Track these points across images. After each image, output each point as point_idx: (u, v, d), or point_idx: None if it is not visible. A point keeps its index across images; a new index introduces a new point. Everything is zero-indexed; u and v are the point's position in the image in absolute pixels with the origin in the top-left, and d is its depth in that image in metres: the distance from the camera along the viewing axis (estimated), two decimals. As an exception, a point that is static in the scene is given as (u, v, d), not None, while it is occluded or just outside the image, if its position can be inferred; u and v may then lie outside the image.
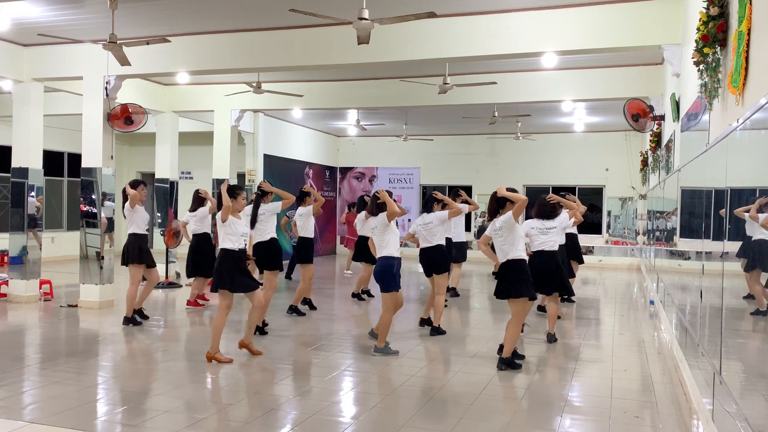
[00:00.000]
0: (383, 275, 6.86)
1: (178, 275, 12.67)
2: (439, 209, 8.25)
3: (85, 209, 10.09)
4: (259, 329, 7.77)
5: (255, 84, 10.95)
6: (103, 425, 4.78)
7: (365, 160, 20.62)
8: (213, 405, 5.42)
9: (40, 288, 10.38)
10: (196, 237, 9.66)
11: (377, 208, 6.99)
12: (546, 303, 8.51)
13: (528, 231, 7.51)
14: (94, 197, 9.99)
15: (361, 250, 10.83)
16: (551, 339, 7.73)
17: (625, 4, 7.70)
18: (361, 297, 10.92)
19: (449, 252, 9.02)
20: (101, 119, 9.79)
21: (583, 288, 12.99)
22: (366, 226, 10.53)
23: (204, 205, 9.54)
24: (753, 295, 3.31)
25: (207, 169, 14.36)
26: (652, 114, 9.55)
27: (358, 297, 10.91)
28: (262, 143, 15.99)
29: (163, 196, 13.24)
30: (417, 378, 6.15)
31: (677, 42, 7.45)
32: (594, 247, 18.06)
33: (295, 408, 5.27)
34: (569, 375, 6.37)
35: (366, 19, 6.72)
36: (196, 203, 9.65)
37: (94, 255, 9.92)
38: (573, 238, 10.33)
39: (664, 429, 4.87)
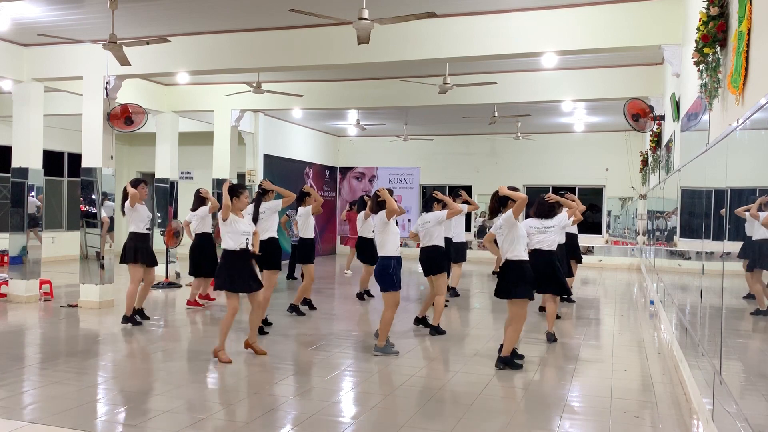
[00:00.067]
0: (381, 275, 6.89)
1: (178, 275, 12.68)
2: (440, 209, 8.25)
3: (85, 209, 10.10)
4: (260, 329, 7.77)
5: (255, 84, 10.95)
6: (103, 425, 4.79)
7: (365, 160, 20.61)
8: (213, 405, 5.41)
9: (40, 288, 10.38)
10: (197, 236, 9.69)
11: (378, 206, 7.01)
12: (545, 303, 8.51)
13: (526, 230, 7.51)
14: (94, 197, 9.99)
15: (361, 250, 10.86)
16: (551, 339, 7.74)
17: (625, 4, 7.70)
18: (362, 297, 10.92)
19: (447, 252, 9.02)
20: (101, 119, 9.79)
21: (583, 288, 12.99)
22: (366, 225, 10.58)
23: (205, 205, 9.56)
24: (753, 295, 3.31)
25: (207, 169, 14.35)
26: (652, 114, 9.55)
27: (360, 297, 10.92)
28: (262, 143, 15.98)
29: (163, 196, 13.23)
30: (417, 378, 6.15)
31: (677, 42, 7.45)
32: (594, 247, 18.06)
33: (295, 408, 5.27)
34: (569, 375, 6.37)
35: (366, 19, 6.72)
36: (197, 203, 9.67)
37: (94, 255, 9.93)
38: (573, 237, 10.34)
39: (664, 429, 4.87)
